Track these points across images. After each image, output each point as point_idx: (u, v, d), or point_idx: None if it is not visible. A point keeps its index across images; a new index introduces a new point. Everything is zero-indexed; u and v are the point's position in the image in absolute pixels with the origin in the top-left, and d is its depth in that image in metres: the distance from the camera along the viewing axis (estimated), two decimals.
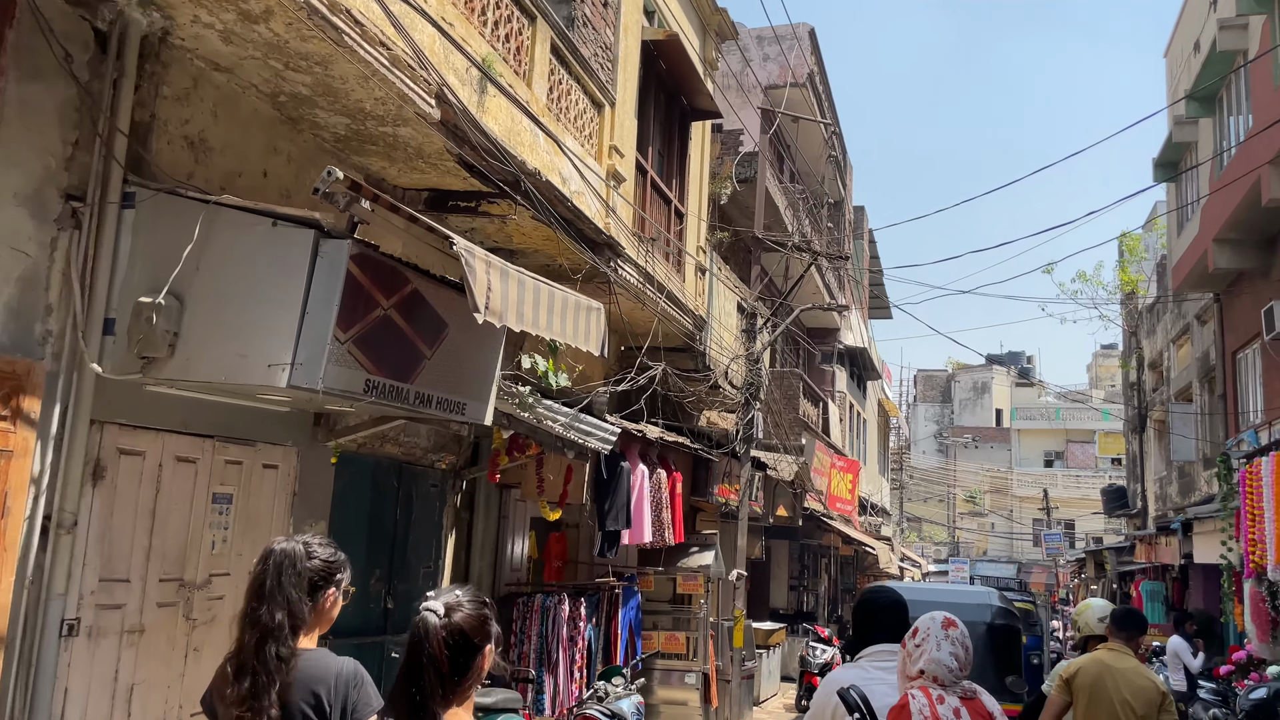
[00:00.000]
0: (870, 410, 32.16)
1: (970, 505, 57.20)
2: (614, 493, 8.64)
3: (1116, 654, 4.98)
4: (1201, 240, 17.90)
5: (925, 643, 3.01)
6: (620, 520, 8.72)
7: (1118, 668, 4.89)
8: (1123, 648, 5.01)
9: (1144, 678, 4.87)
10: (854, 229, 29.92)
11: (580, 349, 6.14)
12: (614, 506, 8.63)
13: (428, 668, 2.23)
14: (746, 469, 11.66)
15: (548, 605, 8.56)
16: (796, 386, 19.38)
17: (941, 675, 2.94)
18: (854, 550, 26.59)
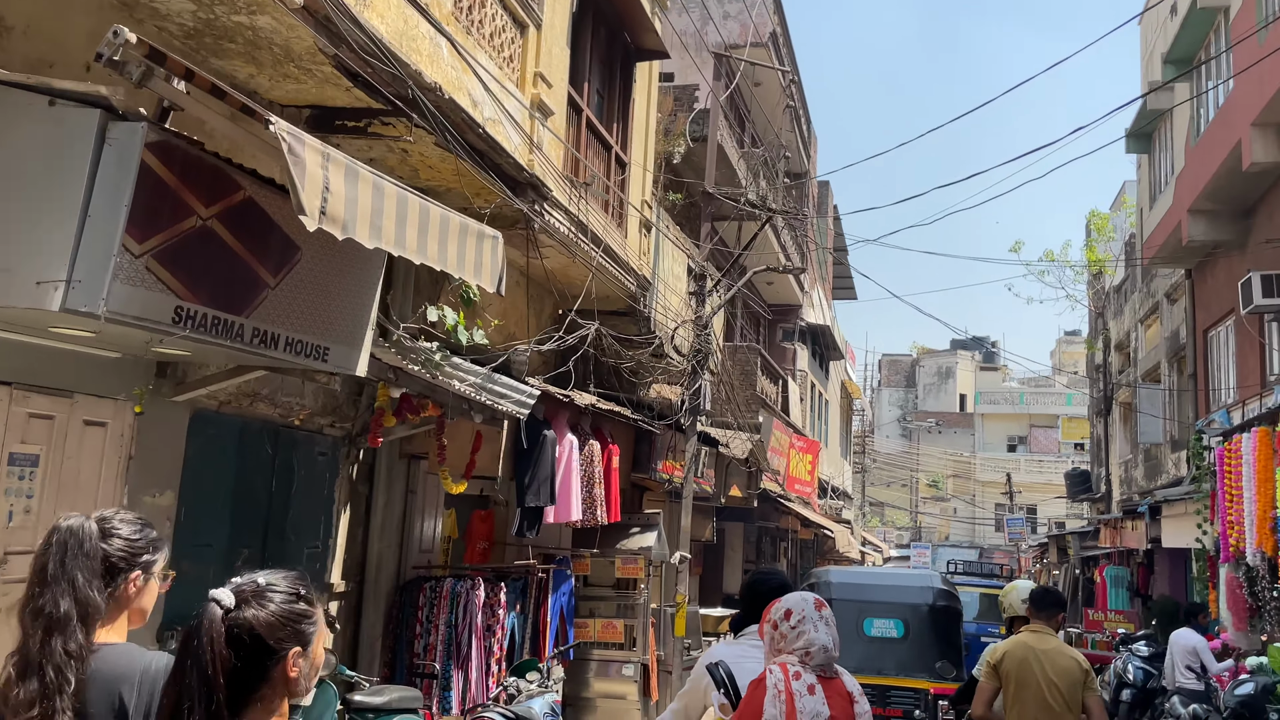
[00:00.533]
0: (833, 391, 31.41)
1: (933, 490, 56.94)
2: (536, 464, 7.67)
3: (1039, 635, 5.14)
4: (1175, 212, 17.20)
5: (802, 624, 3.04)
6: (543, 495, 7.74)
7: (1041, 649, 5.05)
8: (1044, 628, 5.18)
9: (1067, 657, 5.05)
10: (818, 205, 29.06)
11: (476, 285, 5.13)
12: (536, 480, 7.66)
13: (196, 673, 1.76)
14: (692, 443, 10.71)
15: (458, 591, 7.57)
16: (754, 362, 18.49)
17: (819, 656, 3.00)
18: (813, 534, 25.84)
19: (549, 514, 8.14)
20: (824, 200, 29.88)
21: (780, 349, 24.70)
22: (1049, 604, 5.31)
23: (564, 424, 8.38)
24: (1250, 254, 16.01)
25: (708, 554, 18.07)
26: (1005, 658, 5.13)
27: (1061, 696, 4.94)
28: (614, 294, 10.69)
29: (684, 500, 10.72)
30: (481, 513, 9.84)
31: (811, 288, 26.75)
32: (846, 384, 34.25)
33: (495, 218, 7.65)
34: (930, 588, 8.89)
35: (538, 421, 7.82)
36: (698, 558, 17.37)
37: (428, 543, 8.26)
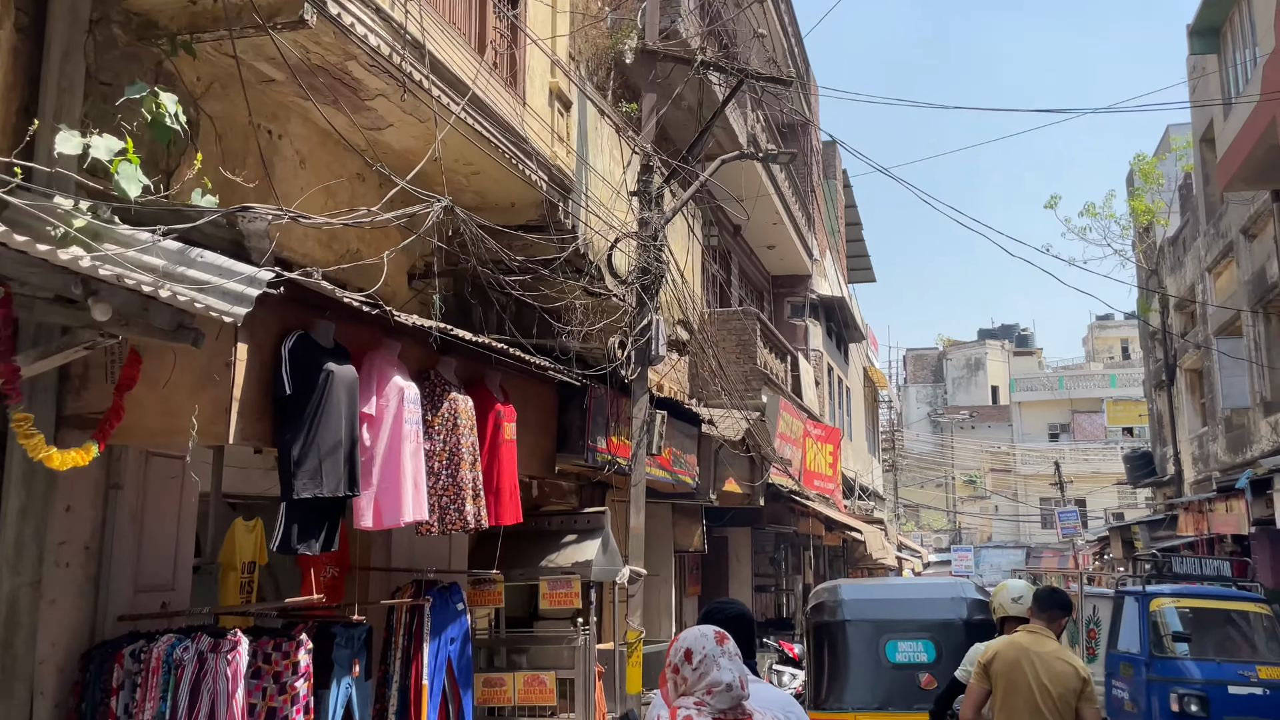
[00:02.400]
0: (855, 378, 27.87)
1: (970, 489, 53.07)
2: (313, 424, 4.33)
3: (1036, 636, 4.81)
4: (1265, 109, 13.73)
5: (704, 664, 2.68)
6: (328, 478, 4.39)
7: (1036, 651, 4.73)
8: (1044, 629, 4.83)
9: (1064, 661, 4.71)
10: (824, 166, 25.67)
11: None
12: (311, 450, 4.31)
13: None
14: (640, 405, 7.33)
15: (179, 659, 4.23)
16: (752, 331, 15.06)
17: (720, 698, 2.64)
18: (841, 539, 22.26)
19: (361, 512, 4.77)
20: (830, 162, 26.48)
21: (789, 327, 21.25)
22: (1053, 605, 4.94)
23: (388, 362, 5.01)
24: None
25: (708, 568, 14.60)
26: (996, 658, 4.81)
27: (1054, 704, 4.60)
28: (519, 198, 7.38)
29: (633, 488, 7.31)
30: None
31: (823, 255, 23.32)
32: (870, 371, 30.69)
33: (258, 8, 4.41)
34: (963, 598, 7.39)
35: (317, 349, 4.46)
36: (693, 573, 13.90)
37: (162, 575, 4.91)
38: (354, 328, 4.88)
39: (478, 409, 5.94)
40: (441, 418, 5.47)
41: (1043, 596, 5.00)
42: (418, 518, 5.06)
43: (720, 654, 2.69)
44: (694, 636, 2.75)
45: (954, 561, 44.75)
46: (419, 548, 6.93)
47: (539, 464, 7.22)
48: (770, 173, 17.07)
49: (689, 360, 14.32)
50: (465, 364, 6.05)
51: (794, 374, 18.11)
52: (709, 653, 2.68)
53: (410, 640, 6.35)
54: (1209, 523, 18.19)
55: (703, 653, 2.69)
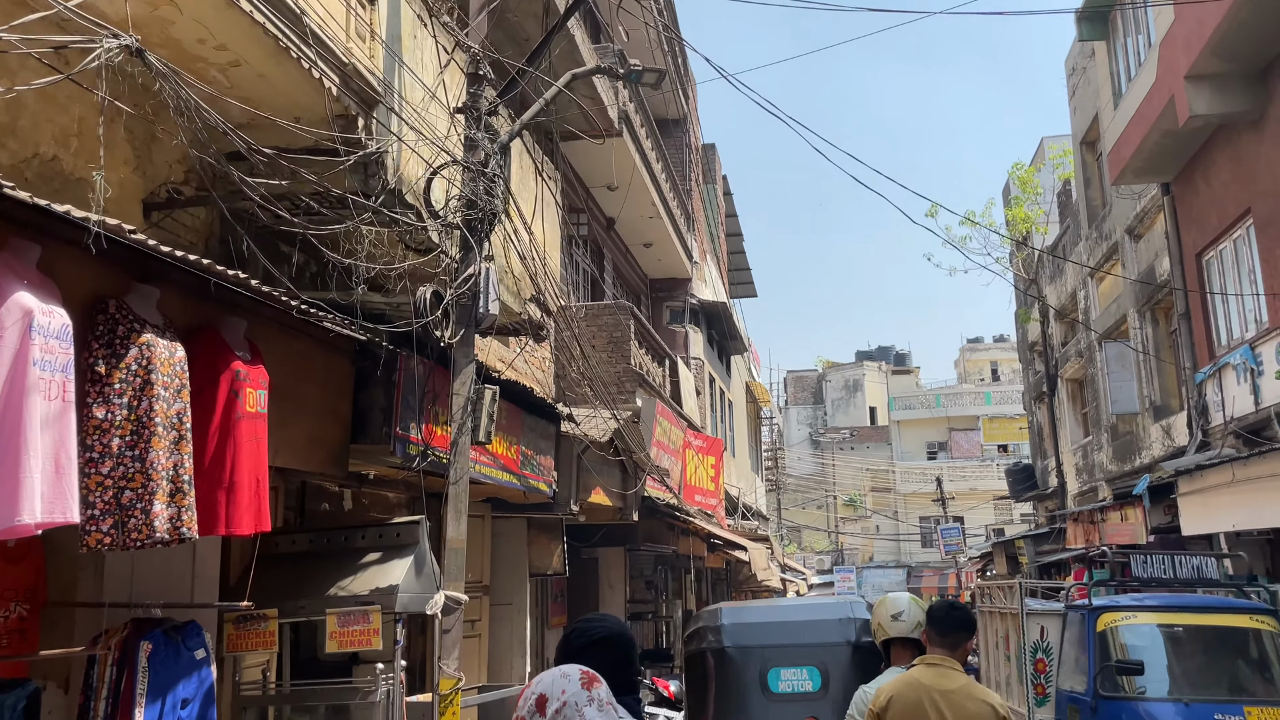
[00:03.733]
0: (737, 391, 26.65)
1: (851, 509, 52.82)
2: None
3: (938, 669, 3.77)
4: (1162, 89, 13.01)
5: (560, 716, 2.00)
6: None
7: (941, 689, 3.69)
8: (946, 659, 3.79)
9: (975, 700, 3.69)
10: (704, 169, 24.46)
11: None
12: None
13: None
14: (464, 379, 5.54)
15: None
16: (625, 327, 13.47)
17: None
18: (724, 561, 20.82)
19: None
20: (710, 165, 25.31)
21: (668, 333, 19.80)
22: (954, 626, 3.85)
23: (8, 270, 3.12)
24: (1271, 133, 11.92)
25: (575, 595, 12.83)
26: (893, 703, 3.74)
27: None
28: (304, 110, 5.57)
29: (451, 487, 5.50)
30: (3, 541, 4.53)
31: (703, 260, 22.01)
32: (752, 386, 29.56)
33: None
34: (851, 619, 6.70)
35: None
36: (557, 602, 12.11)
37: None
38: None
39: (201, 365, 4.08)
40: (125, 370, 3.60)
41: (939, 616, 3.95)
42: (56, 518, 3.17)
43: (585, 701, 2.06)
44: (551, 679, 2.11)
45: (837, 583, 44.17)
46: (146, 575, 4.98)
47: (324, 457, 5.37)
48: (646, 159, 15.60)
49: (554, 360, 12.62)
50: (188, 302, 4.19)
51: (673, 379, 16.61)
52: (570, 699, 2.06)
53: (114, 705, 4.41)
54: (1100, 533, 17.46)
55: (560, 700, 2.06)
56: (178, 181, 5.58)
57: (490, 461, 7.16)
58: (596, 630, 2.62)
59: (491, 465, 7.24)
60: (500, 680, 9.12)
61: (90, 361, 3.53)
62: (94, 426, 3.52)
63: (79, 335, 3.52)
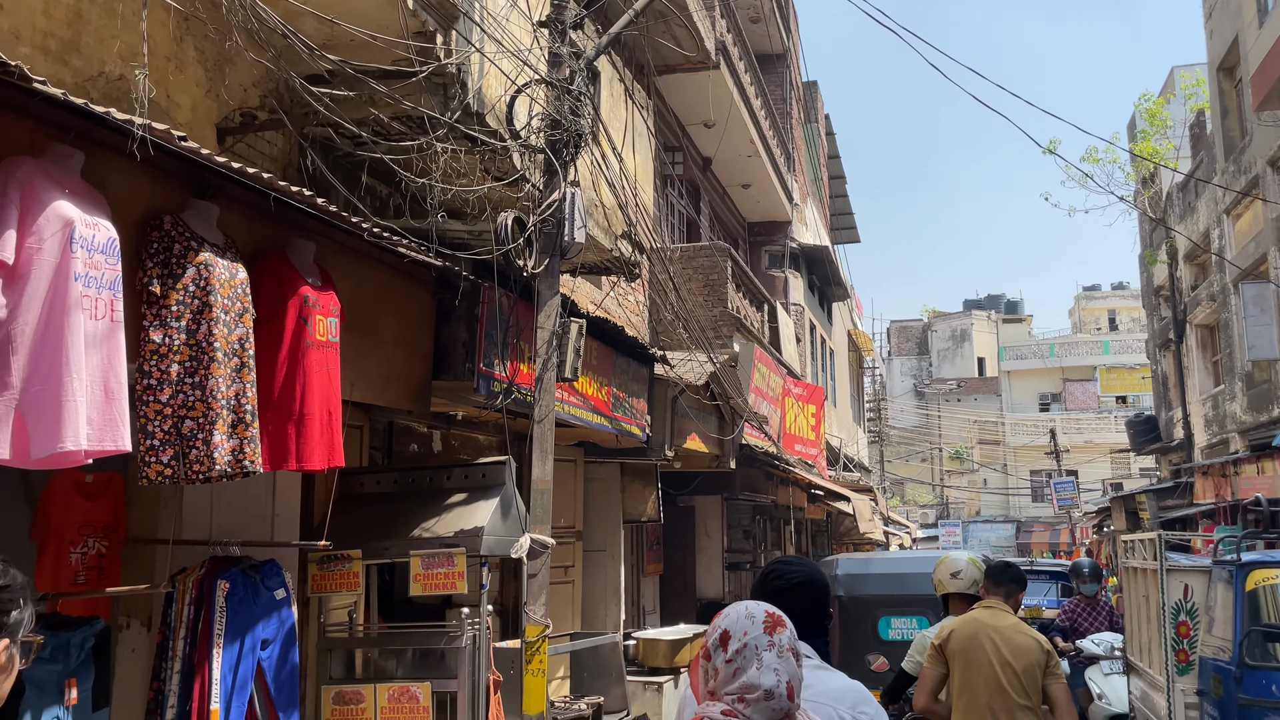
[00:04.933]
0: (839, 340, 25.88)
1: (957, 463, 51.36)
2: None
3: (993, 611, 4.50)
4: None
5: (741, 657, 1.98)
6: None
7: (995, 625, 4.42)
8: (999, 604, 4.54)
9: (1024, 635, 4.41)
10: (805, 107, 23.55)
11: None
12: None
13: None
14: (549, 311, 5.20)
15: None
16: (723, 269, 12.99)
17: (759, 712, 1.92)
18: (825, 511, 20.32)
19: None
20: (812, 103, 24.36)
21: (767, 278, 19.20)
22: (1009, 579, 4.65)
23: (47, 178, 2.89)
24: None
25: (672, 543, 12.58)
26: (952, 636, 4.45)
27: (1019, 681, 4.28)
28: (380, 24, 5.26)
29: (535, 426, 5.20)
30: (82, 476, 4.48)
31: (804, 202, 21.24)
32: (855, 334, 28.71)
33: None
34: None
35: None
36: (653, 549, 11.88)
37: None
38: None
39: (268, 290, 3.85)
40: (182, 291, 3.37)
41: (997, 572, 4.75)
42: (106, 446, 2.97)
43: (766, 646, 2.00)
44: (736, 616, 2.06)
45: (941, 537, 43.11)
46: (226, 512, 4.85)
47: (403, 393, 5.14)
48: (744, 94, 14.96)
49: (649, 304, 12.26)
50: (253, 222, 3.95)
51: (771, 325, 16.07)
52: (751, 642, 2.00)
53: (193, 644, 4.29)
54: (1233, 487, 16.33)
55: (742, 640, 2.01)
56: (252, 106, 5.35)
57: (580, 403, 6.86)
58: (795, 574, 2.65)
59: (581, 406, 6.94)
60: (594, 628, 8.94)
61: (144, 281, 3.31)
62: (151, 351, 3.31)
63: (132, 254, 3.30)
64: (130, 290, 3.29)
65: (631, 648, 9.03)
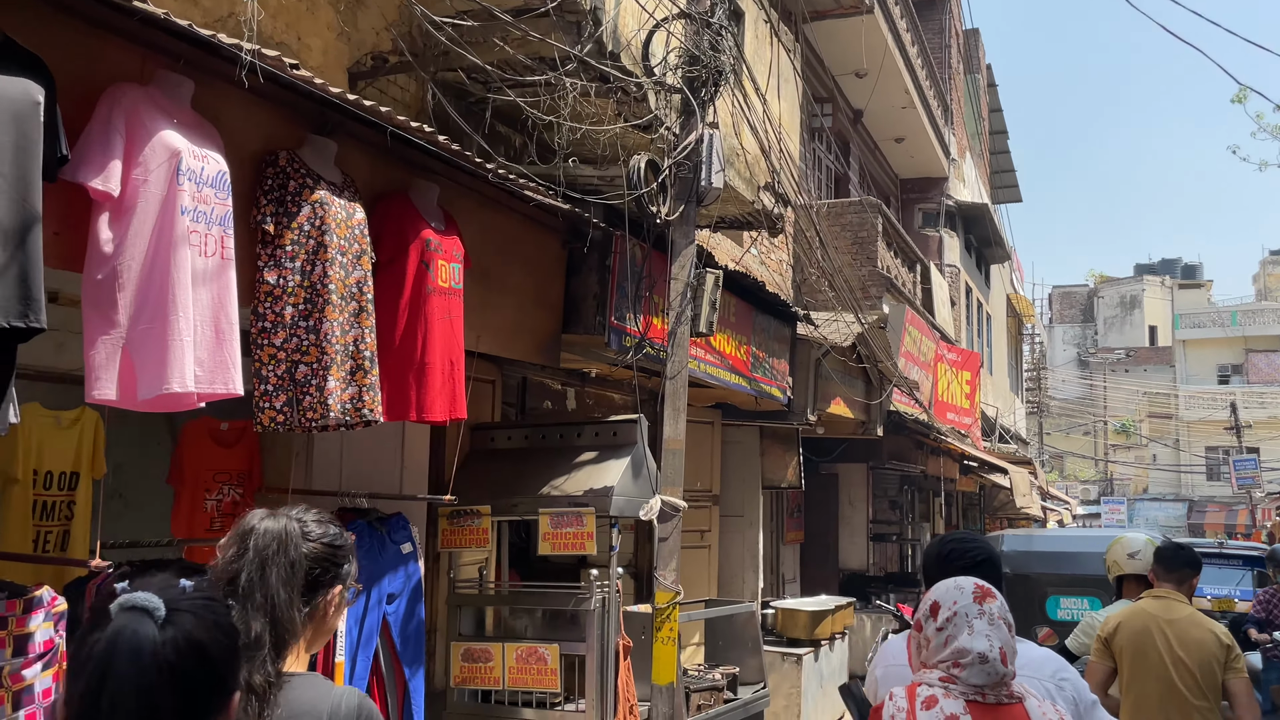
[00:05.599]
0: (997, 304, 24.57)
1: (1123, 437, 48.37)
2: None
3: (1165, 602, 4.09)
4: None
5: (952, 623, 2.09)
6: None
7: (1167, 619, 4.02)
8: (1172, 593, 4.12)
9: (1200, 628, 3.99)
10: (965, 56, 22.24)
11: None
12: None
13: None
14: (684, 261, 4.87)
15: None
16: (872, 226, 12.36)
17: (973, 672, 2.02)
18: (978, 485, 19.38)
19: (95, 372, 2.60)
20: (973, 53, 23.00)
21: (920, 238, 18.29)
22: (1182, 563, 4.18)
23: (154, 106, 2.77)
24: None
25: (813, 511, 12.16)
26: (1119, 630, 4.06)
27: (1194, 678, 3.89)
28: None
29: (668, 382, 4.90)
30: (216, 423, 4.52)
31: (961, 157, 20.12)
32: (1014, 299, 27.21)
33: None
34: None
35: None
36: (793, 517, 11.51)
37: None
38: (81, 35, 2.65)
39: (389, 232, 3.69)
40: (297, 230, 3.23)
41: (1168, 555, 4.27)
42: (218, 389, 2.86)
43: (976, 614, 2.09)
44: (947, 588, 2.17)
45: (1104, 515, 40.82)
46: (354, 464, 4.79)
47: (531, 345, 4.94)
48: (899, 41, 14.15)
49: (793, 263, 11.79)
50: (375, 162, 3.79)
51: (924, 287, 15.28)
52: (960, 610, 2.09)
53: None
54: None
55: (952, 609, 2.11)
56: (384, 49, 5.23)
57: (717, 361, 6.55)
58: (976, 551, 2.67)
59: (718, 365, 6.63)
60: (731, 595, 8.67)
61: (258, 220, 3.19)
62: (265, 293, 3.19)
63: (247, 191, 3.17)
64: (244, 229, 3.17)
65: (770, 617, 8.72)
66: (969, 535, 2.94)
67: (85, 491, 4.02)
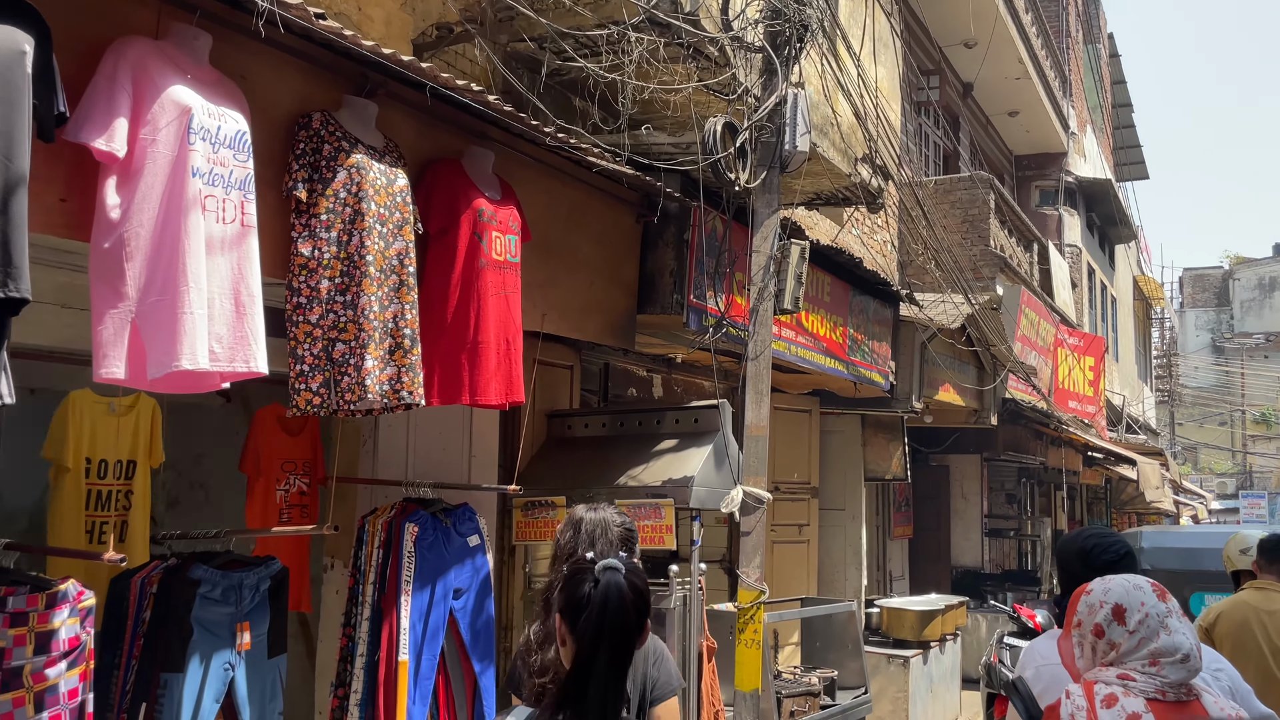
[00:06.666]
0: (1122, 286, 23.17)
1: (1264, 427, 45.33)
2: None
3: (1265, 593, 4.20)
4: None
5: (1146, 626, 2.09)
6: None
7: (1267, 610, 4.11)
8: (1273, 584, 4.21)
9: None
10: (1084, 23, 20.98)
11: None
12: None
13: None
14: (766, 232, 4.46)
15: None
16: (984, 203, 11.65)
17: (1174, 672, 2.03)
18: (1103, 477, 18.26)
19: (103, 349, 2.40)
20: (1093, 20, 21.69)
21: (1038, 217, 17.32)
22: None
23: (163, 60, 2.56)
24: None
25: (923, 504, 11.55)
26: (1220, 620, 4.18)
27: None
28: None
29: (749, 364, 4.49)
30: (282, 409, 4.37)
31: (1082, 131, 18.97)
32: (1141, 281, 25.64)
33: None
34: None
35: None
36: (900, 511, 10.93)
37: None
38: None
39: (437, 200, 3.42)
40: (333, 199, 2.98)
41: (1269, 547, 4.36)
42: (238, 367, 2.63)
43: (1166, 613, 2.11)
44: (1124, 590, 2.15)
45: (1242, 510, 38.28)
46: (421, 453, 4.58)
47: (603, 326, 4.62)
48: (1012, 6, 13.32)
49: (897, 242, 11.19)
50: (423, 127, 3.53)
51: (1042, 267, 14.40)
52: (1152, 611, 2.11)
53: (381, 591, 4.04)
54: None
55: (1143, 611, 2.12)
56: (451, 21, 4.99)
57: (809, 343, 6.11)
58: (1120, 546, 2.75)
59: (811, 348, 6.19)
60: (831, 593, 8.21)
61: (290, 186, 2.95)
62: (299, 265, 2.96)
63: (279, 156, 2.94)
64: (276, 197, 2.94)
65: (874, 616, 8.23)
66: (1107, 531, 2.93)
67: (143, 480, 3.90)
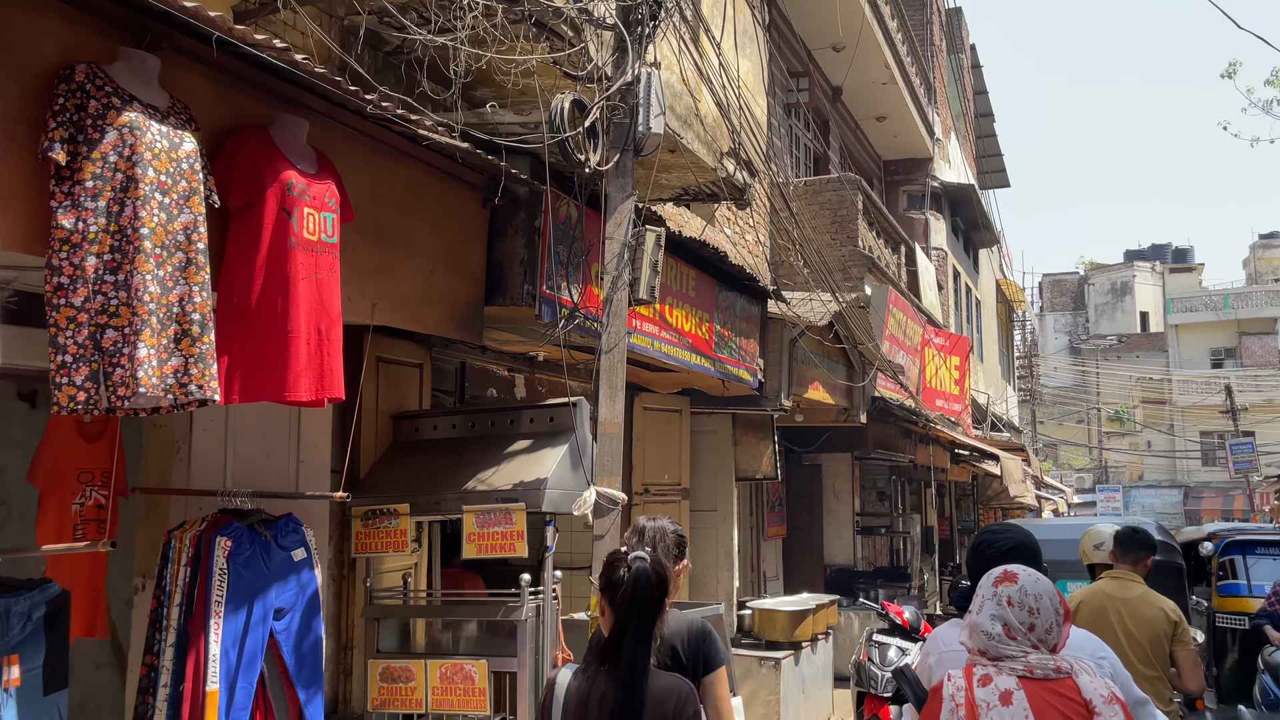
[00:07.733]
0: (986, 289, 23.99)
1: (1116, 424, 47.90)
2: None
3: (1121, 582, 4.55)
4: None
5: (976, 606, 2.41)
6: None
7: (1121, 598, 4.47)
8: (1128, 574, 4.57)
9: (1152, 606, 4.43)
10: (947, 35, 21.65)
11: None
12: None
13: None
14: (620, 218, 4.22)
15: None
16: (852, 204, 11.73)
17: (984, 645, 2.35)
18: (970, 474, 18.79)
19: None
20: (956, 32, 22.40)
21: (906, 221, 17.70)
22: (1136, 545, 4.61)
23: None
24: None
25: (796, 504, 11.55)
26: (1080, 607, 4.46)
27: (1144, 651, 4.31)
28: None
29: (603, 356, 4.24)
30: (82, 413, 3.81)
31: (946, 137, 19.52)
32: (1003, 284, 26.64)
33: None
34: None
35: None
36: (774, 510, 10.88)
37: None
38: None
39: (240, 172, 3.04)
40: (100, 163, 2.59)
41: (1124, 538, 4.69)
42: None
43: (989, 597, 2.39)
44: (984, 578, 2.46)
45: (1100, 503, 40.36)
46: (242, 461, 4.15)
47: (444, 317, 4.29)
48: (878, 11, 13.53)
49: (769, 244, 11.16)
50: (226, 92, 3.15)
51: (909, 269, 14.66)
52: (983, 594, 2.41)
53: (187, 613, 3.61)
54: None
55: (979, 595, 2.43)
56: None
57: (674, 339, 5.92)
58: (1003, 541, 3.00)
59: (677, 344, 6.00)
60: (704, 596, 8.05)
61: (45, 146, 2.54)
62: (60, 240, 2.55)
63: (33, 115, 2.53)
64: (32, 161, 2.53)
65: (746, 618, 8.10)
66: (1001, 526, 3.18)
67: None
